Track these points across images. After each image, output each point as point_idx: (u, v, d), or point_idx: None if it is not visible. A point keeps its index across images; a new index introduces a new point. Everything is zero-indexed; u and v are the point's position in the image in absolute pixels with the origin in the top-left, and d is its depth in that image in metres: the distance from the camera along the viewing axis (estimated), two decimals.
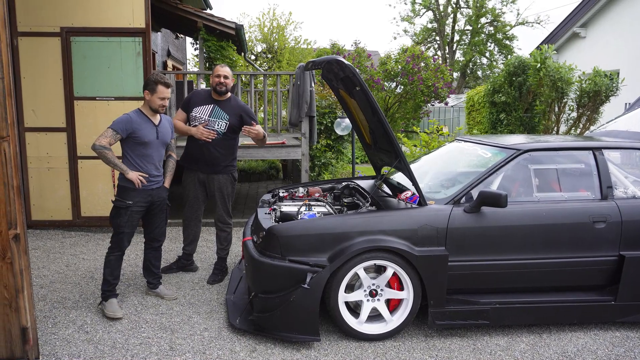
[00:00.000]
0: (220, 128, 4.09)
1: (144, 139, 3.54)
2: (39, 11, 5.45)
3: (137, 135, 3.51)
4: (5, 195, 2.52)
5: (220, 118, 4.09)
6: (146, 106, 3.63)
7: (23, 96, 5.55)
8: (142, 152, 3.57)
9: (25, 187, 5.64)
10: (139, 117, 3.57)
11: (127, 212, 3.52)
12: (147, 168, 3.60)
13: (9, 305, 2.60)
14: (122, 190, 3.54)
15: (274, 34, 19.57)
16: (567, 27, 12.88)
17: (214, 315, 3.57)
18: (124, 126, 3.47)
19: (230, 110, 4.12)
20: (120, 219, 3.52)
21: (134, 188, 3.52)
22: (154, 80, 3.56)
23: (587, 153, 3.66)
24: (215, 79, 4.06)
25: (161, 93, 3.56)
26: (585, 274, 3.41)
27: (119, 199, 3.53)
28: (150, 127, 3.60)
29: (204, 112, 4.10)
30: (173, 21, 10.29)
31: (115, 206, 3.53)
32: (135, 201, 3.54)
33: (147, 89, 3.58)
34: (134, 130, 3.49)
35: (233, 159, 4.25)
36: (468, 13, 31.73)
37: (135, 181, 3.50)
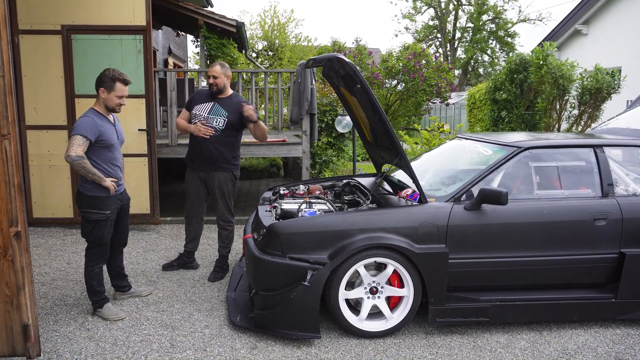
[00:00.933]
0: (218, 125, 4.07)
1: (110, 141, 3.34)
2: (40, 9, 5.45)
3: (103, 139, 3.28)
4: (6, 193, 2.53)
5: (218, 115, 4.07)
6: (101, 105, 3.36)
7: (24, 94, 5.55)
8: (108, 155, 3.35)
9: (27, 185, 5.65)
10: (100, 119, 3.32)
11: (107, 223, 3.36)
12: (114, 172, 3.41)
13: (10, 303, 2.61)
14: (95, 202, 3.29)
15: (274, 32, 19.54)
16: (569, 24, 12.85)
17: (215, 313, 3.58)
18: (91, 131, 3.20)
19: (230, 107, 4.10)
20: (101, 231, 3.33)
21: (108, 196, 3.33)
22: (111, 77, 3.30)
23: (588, 150, 3.65)
24: (208, 80, 4.10)
25: (119, 91, 3.33)
26: (585, 271, 3.41)
27: (96, 212, 3.29)
28: (111, 128, 3.40)
29: (203, 110, 4.10)
30: (174, 19, 10.29)
31: (93, 220, 3.30)
32: (112, 209, 3.38)
33: (103, 86, 3.31)
34: (100, 133, 3.26)
35: (233, 157, 4.22)
36: (469, 10, 31.67)
37: (111, 188, 3.31)
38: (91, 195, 3.29)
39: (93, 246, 3.41)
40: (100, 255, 3.43)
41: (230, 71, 4.15)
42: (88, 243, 3.42)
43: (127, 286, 3.81)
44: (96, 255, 3.42)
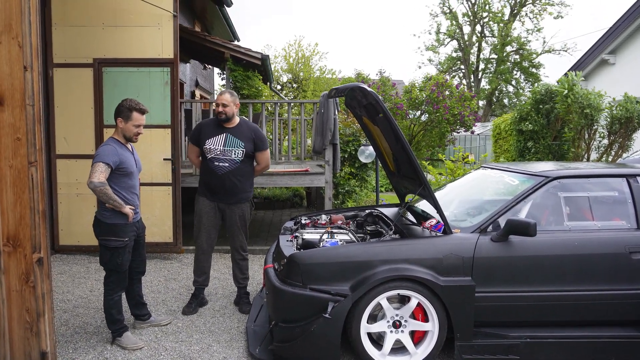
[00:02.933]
0: (237, 157, 3.99)
1: (130, 169, 3.39)
2: (73, 43, 5.68)
3: (123, 167, 3.34)
4: (31, 219, 2.56)
5: (236, 146, 3.99)
6: (120, 134, 3.43)
7: (56, 124, 5.74)
8: (127, 183, 3.40)
9: (55, 212, 5.77)
10: (120, 147, 3.39)
11: (126, 250, 3.39)
12: (132, 199, 3.44)
13: (29, 329, 2.61)
14: (114, 229, 3.33)
15: (299, 64, 19.94)
16: (595, 53, 12.71)
17: (234, 344, 3.51)
18: (113, 158, 3.27)
19: (244, 136, 4.03)
20: (121, 258, 3.37)
21: (126, 223, 3.36)
22: (128, 107, 3.37)
23: (621, 180, 3.52)
24: (216, 109, 4.02)
25: (136, 120, 3.39)
26: (622, 307, 3.23)
27: (115, 239, 3.32)
28: (130, 156, 3.45)
29: (217, 143, 3.99)
30: (201, 52, 10.61)
31: (112, 247, 3.33)
32: (130, 236, 3.40)
33: (121, 116, 3.38)
34: (121, 161, 3.32)
35: (251, 185, 4.18)
36: (493, 42, 31.77)
37: (130, 215, 3.35)
38: (110, 223, 3.32)
39: (112, 274, 3.42)
40: (119, 282, 3.44)
41: (238, 100, 4.08)
42: (106, 271, 3.43)
43: (146, 314, 3.78)
44: (115, 282, 3.43)
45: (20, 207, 2.55)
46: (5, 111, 2.50)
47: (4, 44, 2.48)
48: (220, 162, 3.98)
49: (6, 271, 2.57)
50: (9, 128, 2.51)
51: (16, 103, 2.51)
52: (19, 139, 2.52)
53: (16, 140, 2.52)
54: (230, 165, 3.98)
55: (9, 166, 2.53)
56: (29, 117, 2.54)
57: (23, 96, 2.51)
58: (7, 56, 2.49)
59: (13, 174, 2.53)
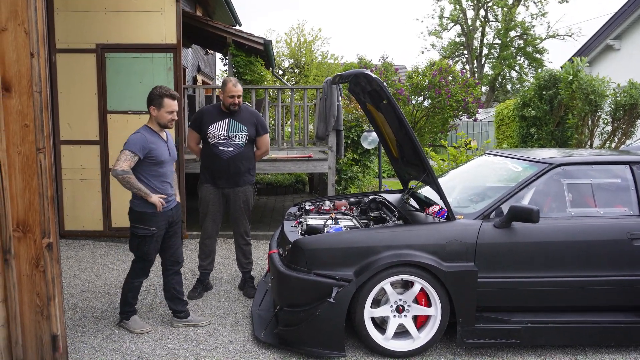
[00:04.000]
0: (240, 141, 4.06)
1: (160, 157, 3.34)
2: (76, 29, 5.66)
3: (153, 155, 3.29)
4: (40, 205, 2.59)
5: (239, 131, 4.06)
6: (153, 122, 3.39)
7: (59, 110, 5.75)
8: (158, 172, 3.36)
9: (60, 198, 5.81)
10: (152, 135, 3.34)
11: (153, 239, 3.36)
12: (164, 188, 3.40)
13: (40, 313, 2.66)
14: (142, 217, 3.31)
15: (301, 49, 19.80)
16: (600, 39, 12.59)
17: (239, 328, 3.57)
18: (141, 146, 3.22)
19: (246, 120, 4.10)
20: (147, 247, 3.35)
21: (155, 212, 3.32)
22: (159, 94, 3.32)
23: (624, 167, 3.53)
24: (229, 99, 3.99)
25: (168, 106, 3.33)
26: (622, 293, 3.27)
27: (143, 227, 3.32)
28: (163, 145, 3.40)
29: (221, 128, 4.03)
30: (203, 37, 10.54)
31: (139, 235, 3.33)
32: (159, 226, 3.37)
33: (153, 104, 3.34)
34: (150, 149, 3.27)
35: (253, 169, 4.24)
36: (497, 27, 31.44)
37: (158, 205, 3.30)
38: (139, 211, 3.31)
39: (138, 260, 3.43)
40: (144, 271, 3.45)
41: None
42: (135, 257, 3.45)
43: (183, 312, 3.59)
44: (139, 270, 3.44)
45: (29, 193, 2.58)
46: (12, 98, 2.52)
47: (10, 30, 2.48)
48: (225, 147, 4.02)
49: (17, 256, 2.61)
50: (16, 115, 2.53)
51: (23, 90, 2.52)
52: (27, 126, 2.54)
53: (24, 127, 2.54)
54: (234, 150, 4.04)
55: (18, 152, 2.55)
56: (36, 104, 2.55)
57: (30, 83, 2.52)
58: (13, 43, 2.49)
59: (22, 160, 2.56)
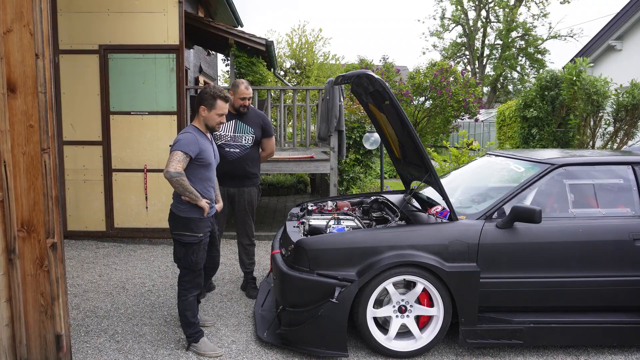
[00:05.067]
0: (247, 142, 4.07)
1: (209, 160, 3.11)
2: (79, 30, 5.68)
3: (202, 157, 3.06)
4: (44, 205, 2.61)
5: (246, 132, 4.07)
6: (201, 123, 3.16)
7: (62, 111, 5.77)
8: (204, 175, 3.12)
9: (63, 198, 5.83)
10: (201, 136, 3.11)
11: (200, 247, 3.11)
12: (209, 193, 3.17)
13: (44, 312, 2.67)
14: (189, 223, 3.06)
15: (302, 50, 19.80)
16: (602, 39, 12.58)
17: (242, 328, 3.58)
18: (193, 147, 3.00)
19: (252, 122, 4.12)
20: (195, 256, 3.09)
21: (201, 218, 3.09)
22: (212, 95, 3.09)
23: (626, 168, 3.53)
24: (240, 101, 3.99)
25: (220, 109, 3.13)
26: (625, 293, 3.27)
27: (189, 234, 3.06)
28: (210, 146, 3.18)
29: (227, 129, 4.04)
30: (205, 38, 10.56)
31: (185, 243, 3.07)
32: (205, 232, 3.13)
33: (204, 104, 3.10)
34: (200, 151, 3.04)
35: (259, 170, 4.27)
36: (498, 27, 31.43)
37: (206, 210, 3.07)
38: (184, 217, 3.07)
39: (186, 272, 3.14)
40: (194, 282, 3.15)
41: None
42: (180, 269, 3.16)
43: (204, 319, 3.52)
44: (190, 282, 3.14)
45: (33, 193, 2.60)
46: (17, 98, 2.54)
47: (15, 31, 2.50)
48: (231, 148, 4.04)
49: (21, 256, 2.62)
50: (21, 115, 2.55)
51: (28, 90, 2.54)
52: (32, 126, 2.56)
53: (29, 128, 2.56)
54: (241, 151, 4.05)
55: (22, 153, 2.57)
56: (41, 105, 2.57)
57: (35, 83, 2.54)
58: (18, 44, 2.51)
59: (26, 160, 2.57)
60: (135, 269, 4.89)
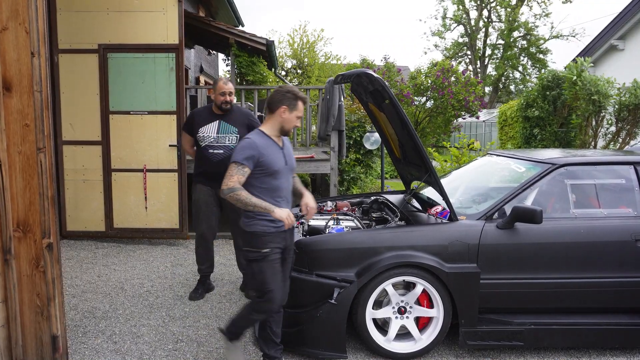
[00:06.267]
0: (231, 143, 3.97)
1: (274, 167, 2.73)
2: (78, 29, 5.66)
3: (264, 163, 2.70)
4: (40, 205, 2.59)
5: (229, 132, 3.99)
6: (275, 126, 2.80)
7: (61, 110, 5.75)
8: (270, 184, 2.74)
9: (62, 198, 5.81)
10: (264, 140, 2.76)
11: (267, 263, 2.73)
12: (278, 205, 2.75)
13: (40, 313, 2.65)
14: (252, 238, 2.75)
15: (303, 50, 19.78)
16: (604, 39, 12.54)
17: None
18: (247, 153, 2.66)
19: (237, 121, 4.02)
20: (263, 274, 2.73)
21: (267, 232, 2.72)
22: (294, 95, 2.78)
23: (628, 168, 3.50)
24: (220, 97, 3.92)
25: (300, 111, 2.82)
26: (627, 295, 3.24)
27: (254, 250, 2.74)
28: (277, 151, 2.79)
29: (210, 131, 3.98)
30: (206, 38, 10.55)
31: (251, 260, 2.76)
32: (272, 247, 2.74)
33: (286, 104, 2.76)
34: (260, 155, 2.69)
35: None
36: (500, 27, 31.36)
37: (286, 219, 2.65)
38: (248, 232, 2.77)
39: (257, 294, 2.80)
40: (263, 308, 2.78)
41: None
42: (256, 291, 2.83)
43: (275, 357, 2.94)
44: (258, 305, 2.77)
45: (29, 193, 2.57)
46: (13, 97, 2.52)
47: (11, 29, 2.48)
48: (215, 150, 3.96)
49: (17, 256, 2.60)
50: (17, 114, 2.53)
51: (24, 89, 2.52)
52: (27, 125, 2.54)
53: (24, 127, 2.54)
54: (225, 152, 3.96)
55: (18, 152, 2.55)
56: (37, 104, 2.55)
57: (31, 82, 2.52)
58: (14, 42, 2.49)
59: (22, 160, 2.55)
60: (134, 269, 4.87)
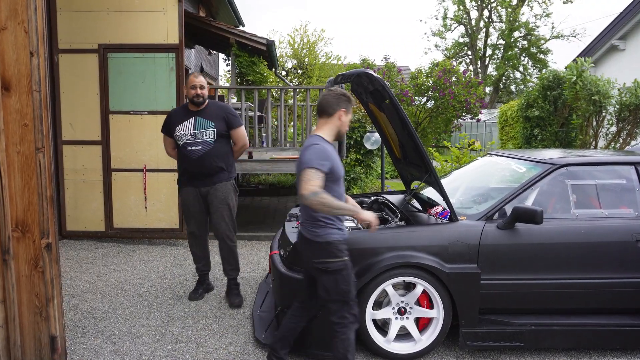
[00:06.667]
0: (209, 138, 3.85)
1: (339, 173, 2.65)
2: (79, 29, 5.66)
3: (333, 170, 2.59)
4: (39, 205, 2.58)
5: (205, 127, 3.86)
6: (332, 130, 2.70)
7: (62, 110, 5.74)
8: (335, 190, 2.63)
9: (62, 198, 5.81)
10: (330, 146, 2.63)
11: (350, 271, 2.68)
12: None
13: (39, 314, 2.64)
14: (329, 248, 2.62)
15: (304, 50, 19.77)
16: (604, 39, 12.52)
17: (240, 330, 3.54)
18: (325, 159, 2.55)
19: (213, 115, 3.90)
20: (347, 283, 2.64)
21: (340, 240, 2.66)
22: (349, 98, 2.71)
23: (629, 168, 3.49)
24: (192, 91, 3.83)
25: (351, 113, 2.81)
26: (628, 296, 3.22)
27: (335, 260, 2.61)
28: (338, 158, 2.70)
29: (187, 128, 3.86)
30: (206, 38, 10.55)
31: (333, 270, 2.62)
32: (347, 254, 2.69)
33: (345, 107, 2.67)
34: (332, 161, 2.58)
35: (231, 166, 4.01)
36: (501, 27, 31.34)
37: (374, 221, 2.65)
38: (322, 242, 2.63)
39: (340, 306, 2.65)
40: (352, 314, 2.67)
41: None
42: (332, 305, 2.67)
43: None
44: (347, 316, 2.65)
45: (28, 193, 2.57)
46: (12, 97, 2.51)
47: (9, 29, 2.47)
48: (193, 147, 3.84)
49: (15, 256, 2.59)
50: (16, 114, 2.52)
51: (23, 89, 2.51)
52: (26, 125, 2.53)
53: (23, 127, 2.53)
54: (203, 148, 3.85)
55: (17, 152, 2.54)
56: (35, 103, 2.54)
57: (30, 82, 2.51)
58: (13, 42, 2.48)
59: (21, 160, 2.54)
60: (134, 269, 4.86)
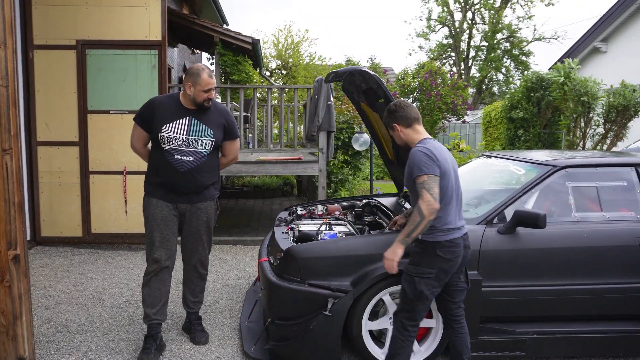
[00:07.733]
0: (205, 148, 3.06)
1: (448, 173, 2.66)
2: (55, 24, 5.38)
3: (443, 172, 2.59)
4: (5, 213, 2.34)
5: (202, 135, 3.04)
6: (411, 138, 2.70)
7: (36, 109, 5.44)
8: None
9: (36, 202, 5.50)
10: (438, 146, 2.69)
11: None
12: None
13: (5, 333, 2.39)
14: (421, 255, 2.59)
15: (288, 50, 19.54)
16: (587, 42, 12.64)
17: (227, 342, 3.33)
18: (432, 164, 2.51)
19: (213, 121, 3.11)
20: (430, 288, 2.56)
21: None
22: None
23: (630, 169, 3.39)
24: (204, 94, 2.99)
25: None
26: (632, 301, 3.12)
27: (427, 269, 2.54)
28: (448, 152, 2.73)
29: (178, 130, 3.00)
30: (190, 36, 10.29)
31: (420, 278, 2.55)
32: None
33: None
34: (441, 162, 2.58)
35: (218, 180, 3.30)
36: (484, 29, 31.59)
37: None
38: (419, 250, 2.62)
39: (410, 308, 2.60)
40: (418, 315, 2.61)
41: None
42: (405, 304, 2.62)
43: None
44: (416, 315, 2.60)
45: None
46: None
47: None
48: (183, 156, 3.01)
49: None
50: None
51: None
52: None
53: None
54: (196, 160, 3.04)
55: None
56: (2, 100, 2.30)
57: None
58: None
59: None
60: (113, 277, 4.61)
